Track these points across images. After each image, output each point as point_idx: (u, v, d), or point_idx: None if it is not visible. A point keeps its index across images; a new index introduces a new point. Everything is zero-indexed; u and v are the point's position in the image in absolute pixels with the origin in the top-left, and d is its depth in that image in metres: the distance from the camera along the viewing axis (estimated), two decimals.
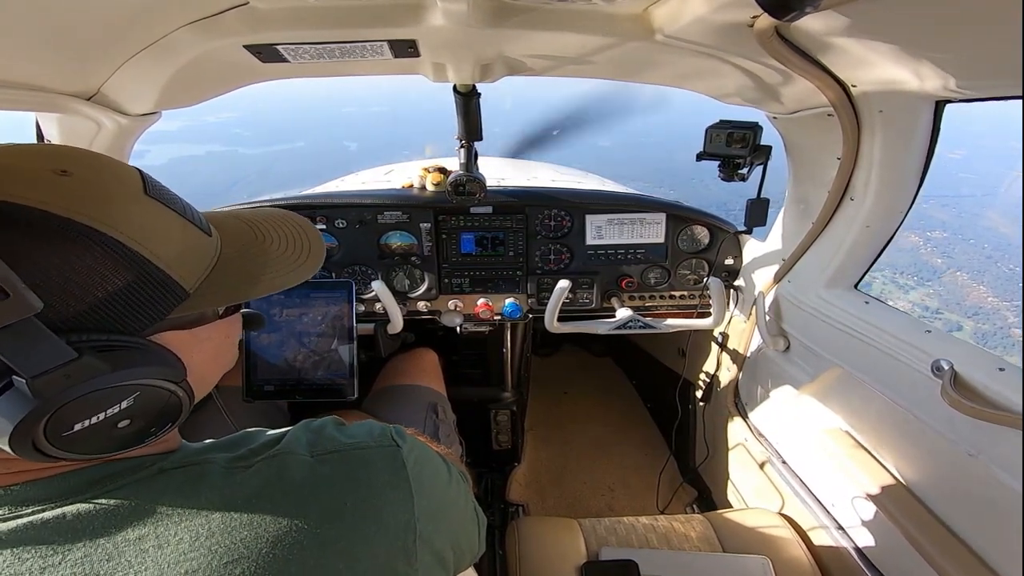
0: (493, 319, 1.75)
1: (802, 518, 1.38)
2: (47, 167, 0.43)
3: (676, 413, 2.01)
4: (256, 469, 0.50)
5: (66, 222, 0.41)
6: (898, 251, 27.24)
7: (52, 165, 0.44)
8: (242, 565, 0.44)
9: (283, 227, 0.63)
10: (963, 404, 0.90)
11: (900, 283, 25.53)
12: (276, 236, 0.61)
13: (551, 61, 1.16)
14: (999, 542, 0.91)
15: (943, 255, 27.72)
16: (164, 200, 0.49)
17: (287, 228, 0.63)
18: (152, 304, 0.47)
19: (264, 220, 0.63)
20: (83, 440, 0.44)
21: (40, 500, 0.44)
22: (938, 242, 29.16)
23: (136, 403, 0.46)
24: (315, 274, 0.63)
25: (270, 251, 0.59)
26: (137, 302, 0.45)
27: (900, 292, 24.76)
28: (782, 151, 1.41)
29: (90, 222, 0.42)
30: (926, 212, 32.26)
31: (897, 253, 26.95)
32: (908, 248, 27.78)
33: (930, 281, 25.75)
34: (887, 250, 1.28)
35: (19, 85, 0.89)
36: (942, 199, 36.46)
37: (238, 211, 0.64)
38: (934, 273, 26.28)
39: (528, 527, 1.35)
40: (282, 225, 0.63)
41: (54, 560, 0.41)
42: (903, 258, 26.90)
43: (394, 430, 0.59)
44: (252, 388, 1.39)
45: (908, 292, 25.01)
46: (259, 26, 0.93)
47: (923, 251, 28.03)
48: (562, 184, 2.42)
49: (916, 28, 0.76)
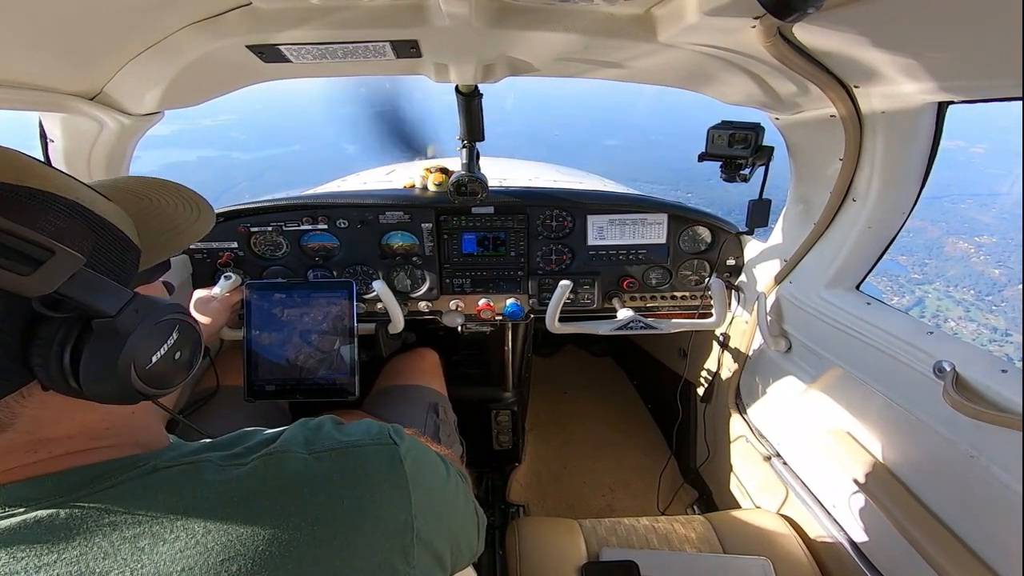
0: (494, 319, 1.75)
1: (803, 519, 1.38)
2: None
3: (677, 414, 2.01)
4: (252, 467, 0.50)
5: (26, 190, 0.43)
6: (947, 260, 23.67)
7: None
8: (238, 563, 0.43)
9: (156, 190, 0.62)
10: (965, 405, 0.90)
11: (957, 298, 21.65)
12: (158, 197, 0.61)
13: (553, 62, 1.16)
14: (999, 543, 0.91)
15: (999, 264, 23.53)
16: (61, 171, 0.51)
17: (162, 191, 0.62)
18: (121, 262, 0.50)
19: (135, 186, 0.62)
20: (159, 375, 0.48)
21: (34, 499, 0.44)
22: (990, 248, 25.39)
23: (179, 333, 0.50)
24: (209, 232, 0.66)
25: (166, 210, 0.60)
26: (111, 260, 0.48)
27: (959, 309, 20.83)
28: (784, 152, 1.41)
29: (43, 188, 0.45)
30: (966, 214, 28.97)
31: (946, 263, 23.45)
32: (957, 256, 24.19)
33: (990, 295, 21.85)
34: (927, 263, 1.27)
35: (23, 85, 0.89)
36: (979, 199, 32.79)
37: (105, 181, 0.62)
38: (993, 286, 22.21)
39: (528, 527, 1.35)
40: (154, 188, 0.62)
41: (49, 559, 0.41)
42: (954, 268, 23.17)
43: (392, 429, 0.59)
44: (253, 388, 1.40)
45: (969, 310, 21.06)
46: (261, 26, 0.93)
47: (975, 259, 24.23)
48: (563, 184, 2.43)
49: (918, 29, 0.76)
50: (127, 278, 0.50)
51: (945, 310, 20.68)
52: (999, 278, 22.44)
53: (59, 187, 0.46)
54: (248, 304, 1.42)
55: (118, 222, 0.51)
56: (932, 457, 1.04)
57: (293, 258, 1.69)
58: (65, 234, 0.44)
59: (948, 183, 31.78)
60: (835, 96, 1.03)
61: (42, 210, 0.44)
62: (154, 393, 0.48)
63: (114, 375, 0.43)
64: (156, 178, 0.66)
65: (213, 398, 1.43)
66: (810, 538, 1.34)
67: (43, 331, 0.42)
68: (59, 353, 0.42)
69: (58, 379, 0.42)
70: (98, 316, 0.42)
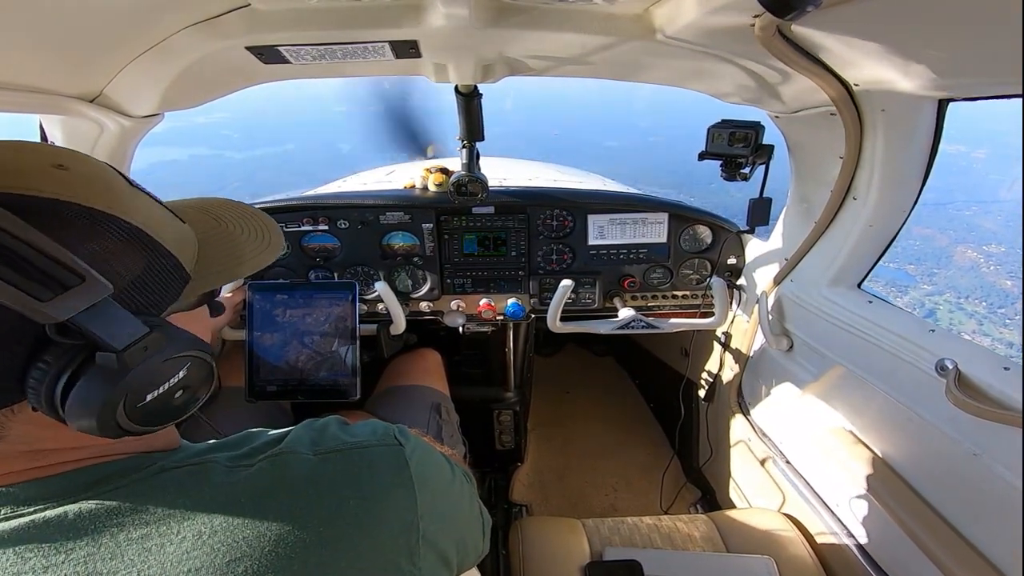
0: (495, 319, 1.75)
1: (806, 518, 1.38)
2: (44, 163, 0.45)
3: (679, 413, 2.00)
4: (259, 468, 0.50)
5: (93, 212, 0.44)
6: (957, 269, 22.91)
7: (47, 161, 0.45)
8: (244, 563, 0.44)
9: (235, 214, 0.65)
10: (967, 403, 0.90)
11: (969, 310, 20.83)
12: (234, 223, 0.63)
13: (552, 61, 1.16)
14: (1003, 541, 0.91)
15: (1010, 275, 22.74)
16: (145, 192, 0.52)
17: (240, 215, 0.65)
18: (167, 286, 0.50)
19: (217, 208, 0.64)
20: (151, 412, 0.46)
21: (42, 499, 0.44)
22: (999, 258, 24.49)
23: (188, 373, 0.49)
24: (279, 257, 0.70)
25: (236, 236, 0.62)
26: (156, 284, 0.49)
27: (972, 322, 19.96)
28: (784, 150, 1.40)
29: (111, 211, 0.45)
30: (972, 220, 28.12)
31: (955, 272, 22.69)
32: (967, 266, 23.38)
33: (1002, 308, 21.03)
34: (937, 272, 1.27)
35: (23, 87, 0.90)
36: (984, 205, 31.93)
37: (191, 201, 0.65)
38: (1006, 298, 21.41)
39: (531, 527, 1.34)
40: (234, 212, 0.65)
41: (57, 559, 0.41)
42: (964, 278, 22.40)
43: (397, 429, 0.59)
44: (255, 388, 1.40)
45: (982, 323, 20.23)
46: (261, 27, 0.93)
47: (985, 269, 23.36)
48: (564, 184, 2.43)
49: (918, 26, 0.76)
50: (163, 304, 0.50)
51: (958, 323, 19.95)
52: (1011, 289, 22.01)
53: (125, 208, 0.47)
54: (250, 305, 1.42)
55: (175, 247, 0.51)
56: (935, 455, 1.04)
57: (294, 259, 1.69)
58: (112, 257, 0.44)
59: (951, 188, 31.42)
60: (835, 94, 1.03)
61: (94, 231, 0.44)
62: (141, 431, 0.46)
63: (100, 411, 0.42)
64: (240, 203, 0.68)
65: (215, 399, 1.43)
66: (813, 537, 1.33)
67: (46, 355, 0.41)
68: (54, 380, 0.41)
69: (47, 405, 0.42)
70: (103, 349, 0.42)
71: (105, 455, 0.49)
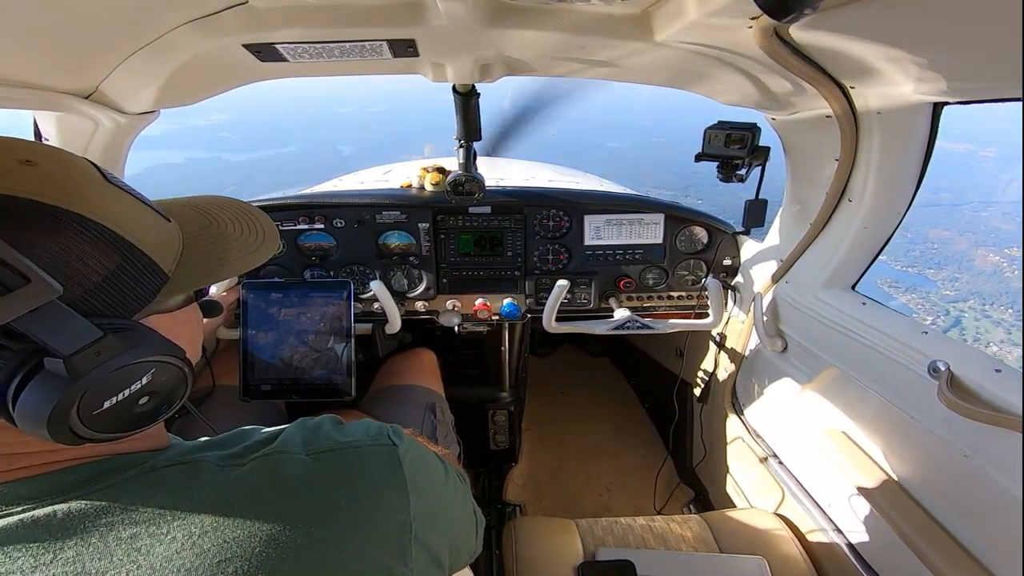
0: (491, 319, 1.75)
1: (799, 518, 1.39)
2: (11, 158, 0.44)
3: (673, 413, 2.01)
4: (250, 467, 0.50)
5: (53, 209, 0.43)
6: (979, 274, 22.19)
7: (14, 156, 0.44)
8: (235, 564, 0.43)
9: (231, 212, 0.64)
10: (959, 405, 0.91)
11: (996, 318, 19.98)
12: (228, 221, 0.62)
13: (550, 61, 1.16)
14: (994, 542, 0.92)
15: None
16: (124, 188, 0.51)
17: (236, 213, 0.64)
18: (140, 288, 0.48)
19: (211, 206, 0.63)
20: (110, 419, 0.45)
21: (31, 498, 0.44)
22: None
23: (153, 379, 0.47)
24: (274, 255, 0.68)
25: (228, 235, 0.60)
26: (127, 286, 0.47)
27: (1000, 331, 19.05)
28: (780, 152, 1.41)
29: (75, 208, 0.44)
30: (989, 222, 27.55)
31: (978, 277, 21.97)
32: (989, 271, 22.70)
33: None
34: (959, 278, 1.27)
35: (17, 83, 0.89)
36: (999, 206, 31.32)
37: (185, 199, 0.64)
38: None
39: (525, 527, 1.34)
40: (230, 210, 0.64)
41: (45, 559, 0.41)
42: (988, 284, 21.67)
43: (391, 429, 0.59)
44: (249, 387, 1.39)
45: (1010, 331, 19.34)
46: (258, 25, 0.92)
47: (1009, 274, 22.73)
48: (560, 184, 2.43)
49: (914, 30, 0.77)
50: (136, 306, 0.48)
51: (985, 332, 19.28)
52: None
53: (92, 206, 0.45)
54: (244, 303, 1.41)
55: (152, 246, 0.49)
56: (927, 456, 1.04)
57: (289, 258, 1.69)
58: (74, 257, 0.43)
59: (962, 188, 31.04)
60: (831, 96, 1.04)
61: (54, 230, 0.42)
62: (102, 438, 0.45)
63: (50, 418, 0.40)
64: (238, 201, 0.66)
65: (209, 398, 1.43)
66: (806, 537, 1.34)
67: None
68: (3, 386, 0.40)
69: (1, 410, 0.41)
70: (51, 355, 0.40)
71: (94, 455, 0.48)
